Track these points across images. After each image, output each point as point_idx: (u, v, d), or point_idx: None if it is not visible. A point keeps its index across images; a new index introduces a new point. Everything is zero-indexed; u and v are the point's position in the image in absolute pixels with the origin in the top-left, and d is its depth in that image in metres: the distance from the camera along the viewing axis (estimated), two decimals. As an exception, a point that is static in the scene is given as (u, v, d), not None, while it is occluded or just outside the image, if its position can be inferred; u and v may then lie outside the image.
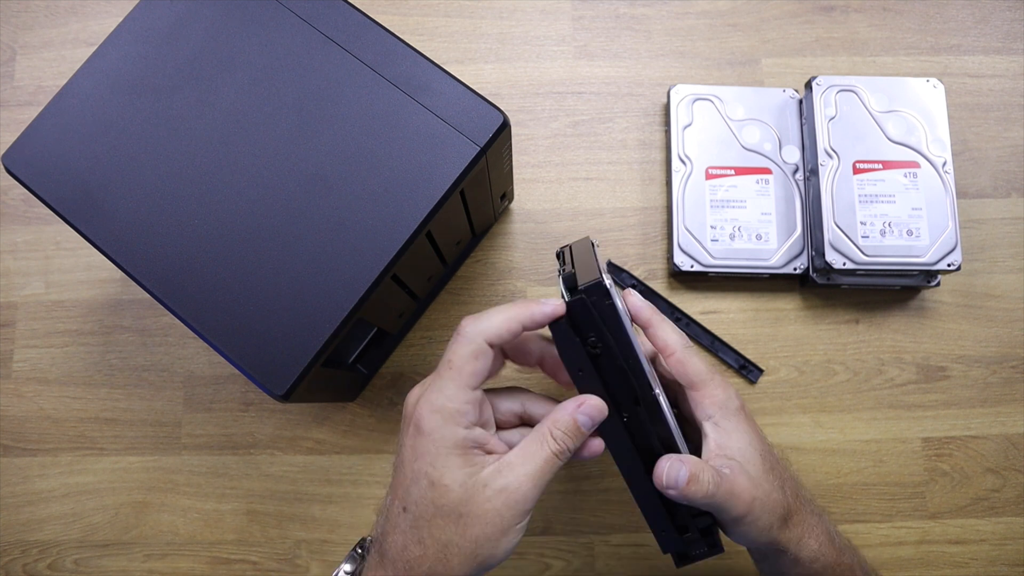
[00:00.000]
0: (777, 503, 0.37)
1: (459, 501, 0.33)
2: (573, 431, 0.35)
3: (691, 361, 0.39)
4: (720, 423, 0.38)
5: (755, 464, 0.37)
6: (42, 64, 0.60)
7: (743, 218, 0.54)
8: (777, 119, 0.57)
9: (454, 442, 0.34)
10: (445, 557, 0.33)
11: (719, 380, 0.39)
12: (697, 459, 0.36)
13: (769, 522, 0.36)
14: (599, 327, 0.36)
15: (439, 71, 0.40)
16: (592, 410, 0.35)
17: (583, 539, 0.53)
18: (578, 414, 0.35)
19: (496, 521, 0.33)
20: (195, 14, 0.41)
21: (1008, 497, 0.53)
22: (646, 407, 0.37)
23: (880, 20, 0.61)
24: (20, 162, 0.40)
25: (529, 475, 0.34)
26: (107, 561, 0.53)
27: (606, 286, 0.35)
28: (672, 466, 0.35)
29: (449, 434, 0.34)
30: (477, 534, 0.33)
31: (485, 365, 0.35)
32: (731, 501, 0.35)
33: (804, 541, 0.38)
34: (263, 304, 0.38)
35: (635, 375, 0.36)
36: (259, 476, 0.54)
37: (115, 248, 0.39)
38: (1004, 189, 0.58)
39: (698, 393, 0.39)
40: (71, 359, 0.56)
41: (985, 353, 0.55)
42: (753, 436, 0.39)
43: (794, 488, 0.40)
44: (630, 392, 0.37)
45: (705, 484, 0.34)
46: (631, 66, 0.60)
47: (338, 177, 0.39)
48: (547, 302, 0.36)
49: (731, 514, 0.36)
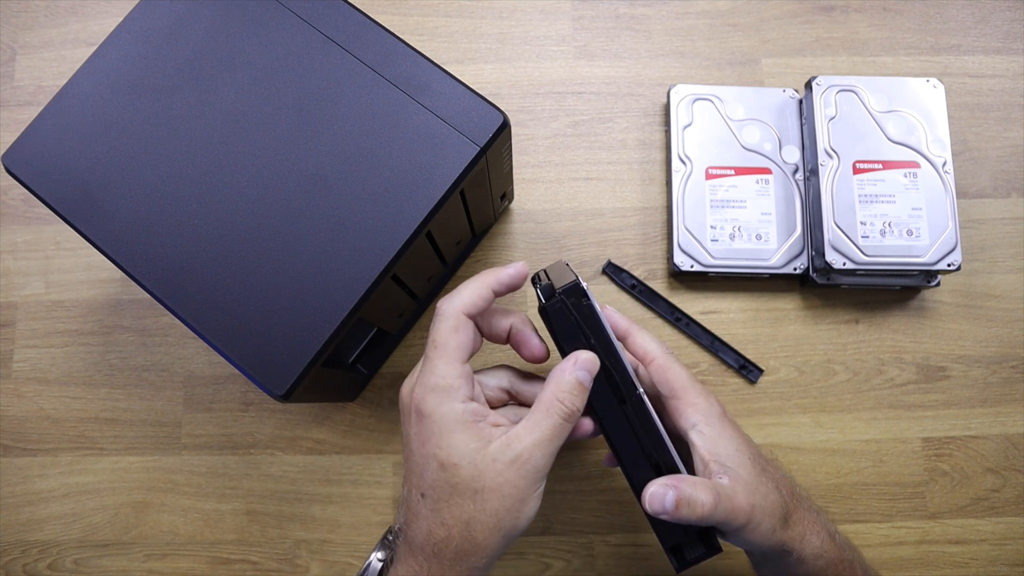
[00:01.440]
0: (776, 504, 0.37)
1: (472, 477, 0.34)
2: (577, 389, 0.35)
3: (672, 368, 0.39)
4: (704, 430, 0.38)
5: (747, 468, 0.37)
6: (42, 64, 0.60)
7: (743, 218, 0.54)
8: (777, 119, 0.57)
9: (455, 418, 0.34)
10: (470, 534, 0.34)
11: (700, 388, 0.39)
12: (689, 478, 0.35)
13: (771, 525, 0.36)
14: (580, 328, 0.36)
15: (439, 71, 0.40)
16: (587, 363, 0.36)
17: (583, 539, 0.53)
18: (577, 371, 0.35)
19: (512, 492, 0.33)
20: (195, 14, 0.41)
21: (1008, 497, 0.53)
22: (632, 406, 0.37)
23: (880, 20, 0.61)
24: (20, 162, 0.40)
25: (538, 443, 0.34)
26: (107, 561, 0.53)
27: (583, 286, 0.36)
28: (655, 492, 0.34)
29: (449, 411, 0.34)
30: (496, 507, 0.33)
31: (468, 336, 0.36)
32: (732, 514, 0.35)
33: (807, 538, 0.38)
34: (263, 304, 0.38)
35: (619, 374, 0.37)
36: (259, 476, 0.54)
37: (115, 248, 0.39)
38: (1004, 189, 0.58)
39: (679, 402, 0.38)
40: (71, 359, 0.56)
41: (985, 353, 0.55)
42: (740, 440, 0.38)
43: (789, 486, 0.39)
44: (615, 391, 0.37)
45: (699, 506, 0.34)
46: (631, 66, 0.60)
47: (338, 177, 0.39)
48: (510, 265, 0.38)
49: (732, 526, 0.35)
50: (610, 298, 0.56)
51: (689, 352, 0.55)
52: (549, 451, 0.34)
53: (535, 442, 0.34)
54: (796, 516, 0.38)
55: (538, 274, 0.43)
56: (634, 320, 0.43)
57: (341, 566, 0.53)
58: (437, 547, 0.34)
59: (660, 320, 0.56)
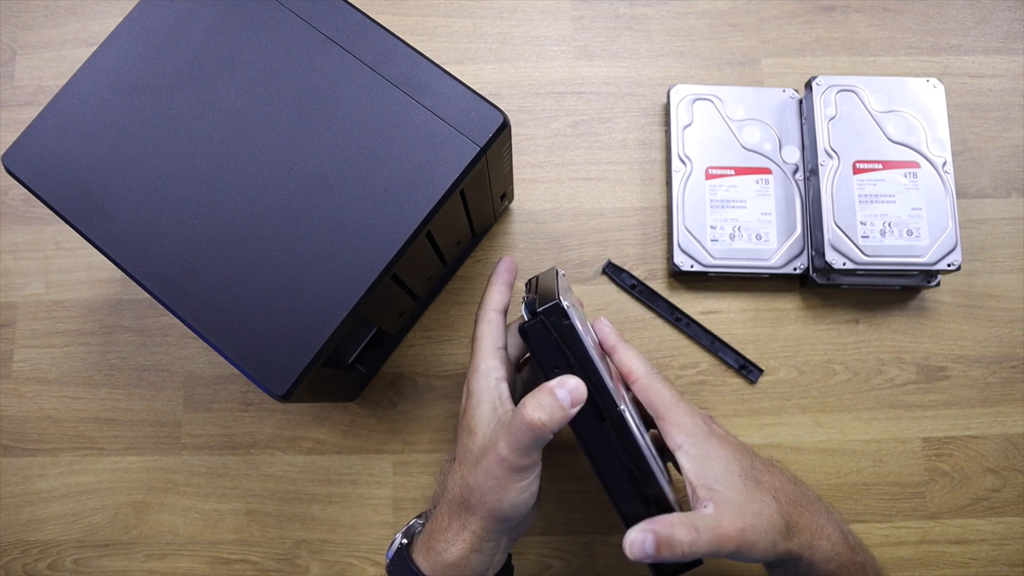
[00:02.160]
0: (772, 519, 0.36)
1: (480, 448, 0.37)
2: (550, 405, 0.35)
3: (655, 388, 0.39)
4: (691, 451, 0.37)
5: (737, 488, 0.36)
6: (42, 64, 0.60)
7: (743, 218, 0.54)
8: (777, 119, 0.57)
9: (487, 393, 0.39)
10: (469, 499, 0.37)
11: (684, 407, 0.39)
12: (665, 518, 0.35)
13: (771, 540, 0.36)
14: (559, 348, 0.36)
15: (439, 71, 0.40)
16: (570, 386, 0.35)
17: (583, 539, 0.53)
18: (558, 389, 0.35)
19: (494, 475, 0.36)
20: (195, 14, 0.41)
21: (1008, 497, 0.53)
22: (612, 424, 0.37)
23: (880, 20, 0.61)
24: (20, 162, 0.40)
25: (507, 442, 0.35)
26: (107, 561, 0.53)
27: (563, 307, 0.36)
28: (634, 540, 0.34)
29: (484, 386, 0.39)
30: (482, 482, 0.36)
31: (499, 327, 0.41)
32: (718, 544, 0.34)
33: (816, 544, 0.37)
34: (263, 304, 0.38)
35: (598, 391, 0.36)
36: (259, 476, 0.54)
37: (115, 248, 0.39)
38: (1004, 189, 0.58)
39: (664, 422, 0.38)
40: (71, 359, 0.56)
41: (985, 353, 0.55)
42: (729, 457, 0.38)
43: (791, 493, 0.39)
44: (595, 410, 0.37)
45: (678, 545, 0.34)
46: (631, 66, 0.60)
47: (338, 177, 0.39)
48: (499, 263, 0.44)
49: (722, 553, 0.35)
50: (610, 298, 0.56)
51: (689, 352, 0.55)
52: (521, 453, 0.35)
53: (506, 443, 0.35)
54: (802, 523, 0.37)
55: (530, 281, 0.44)
56: (637, 320, 0.43)
57: (341, 566, 0.53)
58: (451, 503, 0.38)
59: (660, 320, 0.56)
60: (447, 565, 0.37)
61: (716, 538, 0.34)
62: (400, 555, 0.39)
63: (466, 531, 0.37)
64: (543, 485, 0.39)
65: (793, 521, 0.37)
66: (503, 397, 0.39)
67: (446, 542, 0.37)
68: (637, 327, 0.55)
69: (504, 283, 0.43)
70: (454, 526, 0.38)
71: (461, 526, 0.37)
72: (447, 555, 0.37)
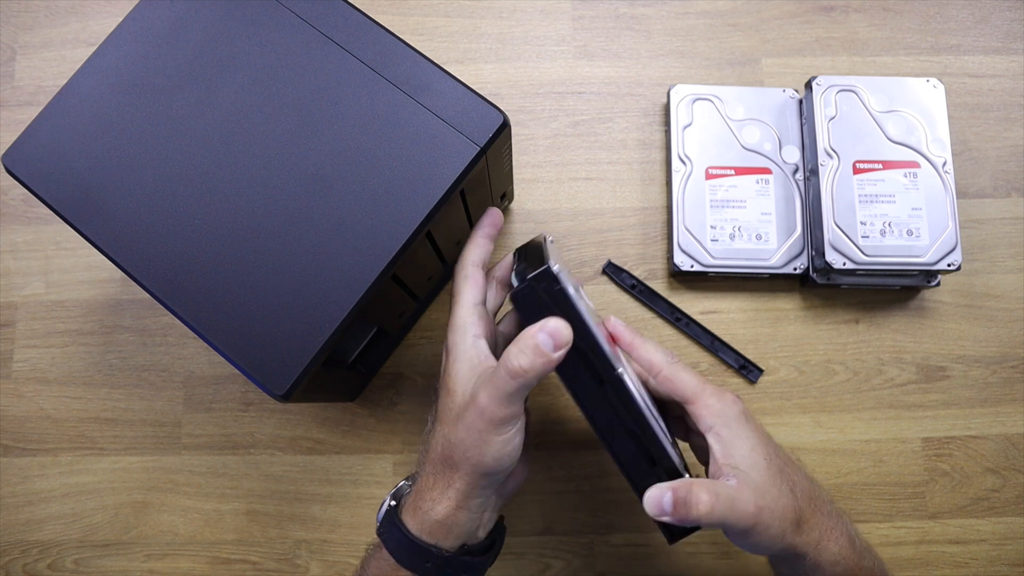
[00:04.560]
0: (787, 508, 0.36)
1: (460, 406, 0.37)
2: (532, 351, 0.34)
3: (679, 376, 0.39)
4: (720, 432, 0.38)
5: (760, 469, 0.37)
6: (42, 64, 0.60)
7: (743, 218, 0.54)
8: (777, 119, 0.57)
9: (464, 350, 0.38)
10: (452, 456, 0.37)
11: (711, 389, 0.39)
12: (688, 480, 0.35)
13: (781, 528, 0.36)
14: (551, 313, 0.35)
15: (439, 71, 0.40)
16: (551, 328, 0.34)
17: (583, 539, 0.53)
18: (539, 333, 0.34)
19: (474, 428, 0.36)
20: (195, 14, 0.41)
21: (1008, 497, 0.53)
22: (612, 387, 0.37)
23: (880, 20, 0.61)
24: (20, 162, 0.40)
25: (490, 395, 0.35)
26: (107, 561, 0.53)
27: (554, 272, 0.36)
28: (652, 496, 0.35)
29: (460, 343, 0.38)
30: (463, 437, 0.36)
31: (478, 281, 0.40)
32: (734, 515, 0.35)
33: (823, 544, 0.37)
34: (263, 304, 0.38)
35: (595, 355, 0.36)
36: (259, 476, 0.54)
37: (115, 248, 0.39)
38: (1004, 189, 0.58)
39: (694, 407, 0.38)
40: (71, 359, 0.56)
41: (985, 353, 0.55)
42: (756, 441, 0.38)
43: (807, 490, 0.39)
44: (593, 374, 0.36)
45: (695, 506, 0.34)
46: (631, 66, 0.60)
47: (338, 177, 0.39)
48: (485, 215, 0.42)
49: (737, 528, 0.35)
50: (610, 298, 0.56)
51: (689, 352, 0.55)
52: (501, 403, 0.35)
53: (487, 394, 0.35)
54: (812, 522, 0.38)
55: (518, 251, 0.42)
56: (637, 320, 0.43)
57: (341, 566, 0.53)
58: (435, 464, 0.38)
59: (660, 320, 0.56)
60: (434, 523, 0.37)
61: (733, 509, 0.35)
62: (389, 516, 0.39)
63: (451, 489, 0.37)
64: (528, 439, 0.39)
65: (805, 518, 0.37)
66: (482, 353, 0.38)
67: (432, 500, 0.37)
68: (637, 327, 0.55)
69: (486, 236, 0.42)
70: (439, 485, 0.37)
71: (446, 484, 0.37)
72: (433, 513, 0.37)
